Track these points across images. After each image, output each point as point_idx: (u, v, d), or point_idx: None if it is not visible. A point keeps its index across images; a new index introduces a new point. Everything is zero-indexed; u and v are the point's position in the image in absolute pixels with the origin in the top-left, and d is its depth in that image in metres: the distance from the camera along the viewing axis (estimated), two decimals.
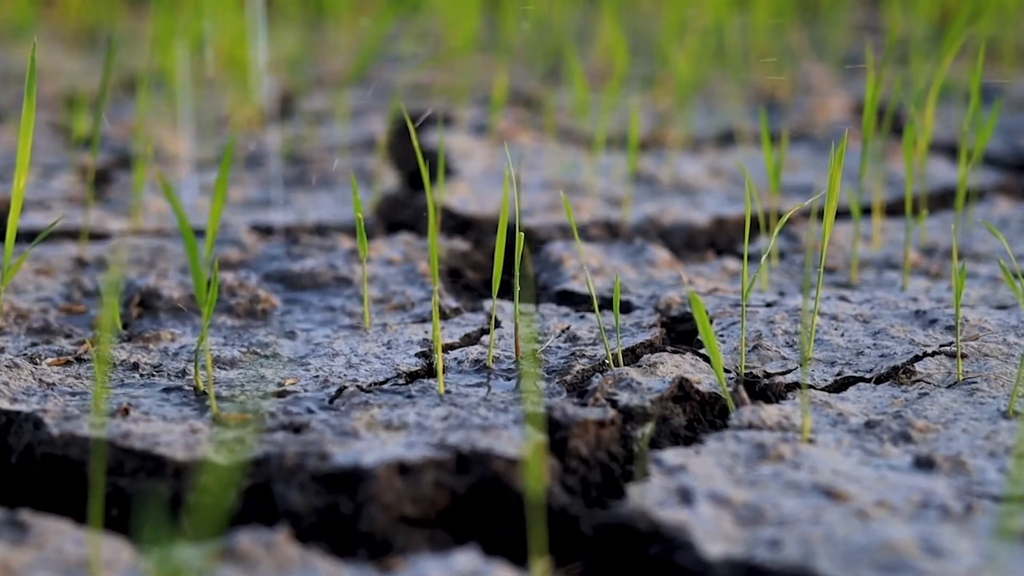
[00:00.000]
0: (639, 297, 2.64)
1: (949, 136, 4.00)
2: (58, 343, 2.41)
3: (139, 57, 5.13)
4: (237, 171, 3.70)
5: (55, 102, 4.58)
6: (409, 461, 1.88)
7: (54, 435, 1.97)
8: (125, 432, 1.98)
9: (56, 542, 1.71)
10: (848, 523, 1.73)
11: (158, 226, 3.16)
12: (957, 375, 2.21)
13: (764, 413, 2.06)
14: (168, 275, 2.75)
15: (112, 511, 1.87)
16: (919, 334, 2.39)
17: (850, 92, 4.75)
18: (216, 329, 2.50)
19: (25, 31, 5.75)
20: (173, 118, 4.19)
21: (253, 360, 2.33)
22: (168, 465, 1.92)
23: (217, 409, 2.09)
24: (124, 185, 3.56)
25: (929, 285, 2.74)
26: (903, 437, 2.00)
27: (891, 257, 2.93)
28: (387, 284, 2.74)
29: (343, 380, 2.23)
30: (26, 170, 2.16)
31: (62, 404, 2.09)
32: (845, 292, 2.66)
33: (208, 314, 2.01)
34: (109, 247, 3.00)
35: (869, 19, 6.46)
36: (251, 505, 1.86)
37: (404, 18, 6.11)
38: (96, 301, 2.65)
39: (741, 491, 1.82)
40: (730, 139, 4.10)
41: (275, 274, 2.79)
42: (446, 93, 4.75)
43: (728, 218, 3.25)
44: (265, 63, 4.10)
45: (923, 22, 5.50)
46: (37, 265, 2.83)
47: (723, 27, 4.85)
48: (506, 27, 5.45)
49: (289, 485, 1.86)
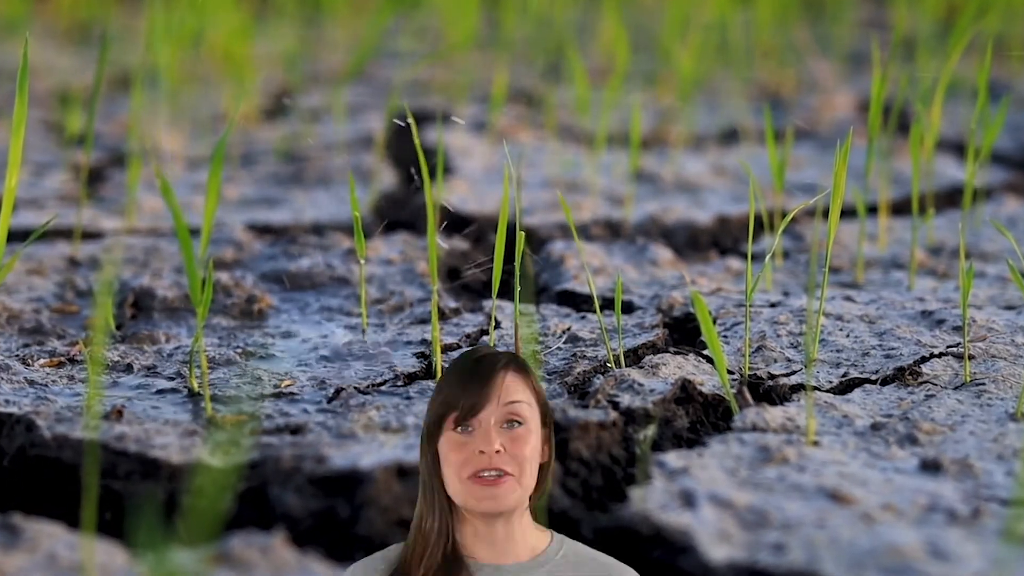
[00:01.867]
0: (641, 297, 2.64)
1: (956, 134, 4.00)
2: (51, 344, 2.41)
3: (133, 53, 5.13)
4: (232, 169, 3.70)
5: (48, 99, 4.58)
6: (408, 464, 1.88)
7: (47, 437, 1.97)
8: (119, 434, 1.98)
9: (49, 546, 1.71)
10: (853, 527, 1.74)
11: (152, 225, 3.16)
12: (964, 376, 2.21)
13: (768, 415, 2.06)
14: (162, 275, 2.75)
15: (106, 514, 1.87)
16: (926, 335, 2.39)
17: (855, 89, 4.75)
18: (211, 330, 2.50)
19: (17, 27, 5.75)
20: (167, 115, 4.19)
21: (249, 361, 2.33)
22: (162, 468, 1.92)
23: (212, 411, 2.09)
24: (118, 183, 3.56)
25: (936, 285, 2.74)
26: (909, 439, 2.00)
27: (897, 256, 2.93)
28: (385, 284, 2.74)
29: (340, 381, 2.23)
30: (18, 168, 2.16)
31: (55, 406, 2.09)
32: (850, 292, 2.66)
33: (203, 315, 2.01)
34: (102, 246, 2.99)
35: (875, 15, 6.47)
36: (247, 508, 1.86)
37: (403, 14, 6.11)
38: (89, 301, 2.65)
39: (745, 494, 1.82)
40: (733, 137, 4.10)
41: (271, 274, 2.79)
42: (445, 90, 4.75)
43: (731, 217, 3.25)
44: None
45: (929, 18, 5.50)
46: (29, 265, 2.83)
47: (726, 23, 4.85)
48: (506, 23, 5.45)
49: (285, 488, 1.86)
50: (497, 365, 1.70)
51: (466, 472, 1.66)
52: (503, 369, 1.70)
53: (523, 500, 1.69)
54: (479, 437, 1.67)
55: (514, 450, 1.67)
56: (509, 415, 1.68)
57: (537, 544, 1.72)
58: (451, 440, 1.68)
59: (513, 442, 1.67)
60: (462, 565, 1.69)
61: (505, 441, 1.67)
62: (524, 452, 1.67)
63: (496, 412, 1.68)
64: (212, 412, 2.09)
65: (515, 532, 1.70)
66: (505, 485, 1.66)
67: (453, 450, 1.67)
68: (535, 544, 1.72)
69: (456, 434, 1.67)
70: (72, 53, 5.53)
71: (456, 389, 1.69)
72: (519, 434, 1.68)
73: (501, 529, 1.69)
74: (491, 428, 1.67)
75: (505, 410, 1.68)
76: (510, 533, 1.70)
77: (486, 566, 1.69)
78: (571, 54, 3.92)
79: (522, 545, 1.71)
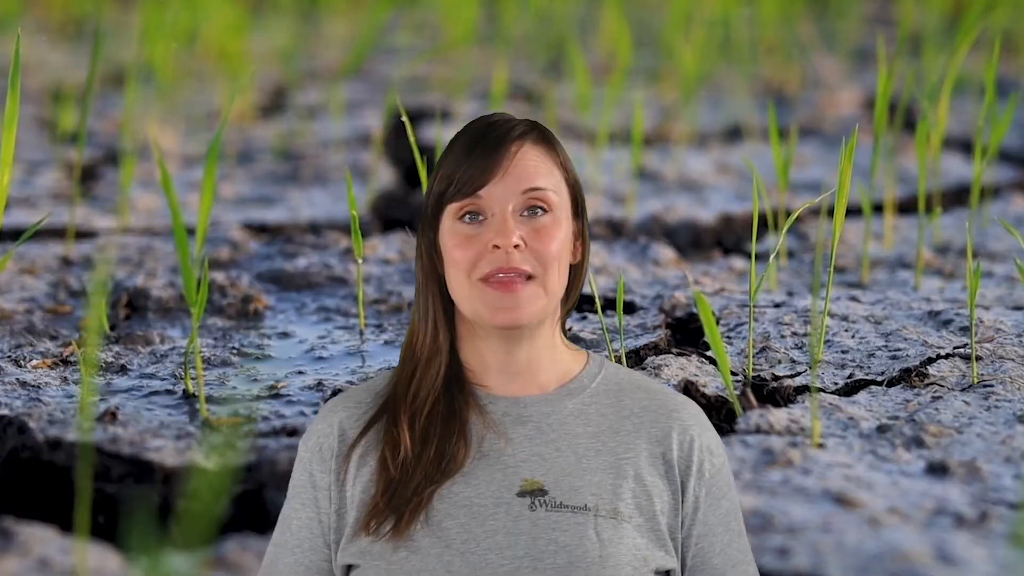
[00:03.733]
0: (643, 297, 2.64)
1: (963, 131, 4.00)
2: (43, 345, 2.41)
3: (126, 49, 5.13)
4: (228, 167, 3.70)
5: (40, 96, 4.58)
6: None
7: (39, 440, 1.97)
8: (112, 437, 1.98)
9: (41, 550, 1.71)
10: (859, 531, 1.73)
11: (147, 224, 3.16)
12: (972, 378, 2.21)
13: (772, 417, 2.06)
14: (157, 275, 2.75)
15: (99, 518, 1.87)
16: (932, 335, 2.39)
17: (861, 85, 4.75)
18: (206, 330, 2.50)
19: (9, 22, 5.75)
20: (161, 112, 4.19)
21: (244, 362, 2.33)
22: (157, 471, 1.92)
23: (207, 413, 2.09)
24: (111, 182, 3.56)
25: (943, 285, 2.74)
26: (916, 442, 2.00)
27: (903, 256, 2.93)
28: (383, 284, 2.74)
29: (338, 383, 2.23)
30: (10, 166, 2.16)
31: (48, 408, 2.09)
32: (856, 292, 2.66)
33: (198, 315, 2.01)
34: (96, 246, 3.00)
35: (880, 10, 6.47)
36: (242, 512, 1.86)
37: (401, 8, 6.11)
38: (83, 301, 2.65)
39: (749, 497, 1.82)
40: (737, 134, 4.10)
41: (267, 274, 2.79)
42: (444, 86, 4.76)
43: (735, 216, 3.25)
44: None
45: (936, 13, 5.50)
46: (22, 264, 2.83)
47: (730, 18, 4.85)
48: (506, 18, 5.45)
49: (281, 491, 1.86)
50: (511, 132, 1.39)
51: (477, 274, 1.36)
52: (520, 138, 1.38)
53: (549, 311, 1.38)
54: (492, 227, 1.36)
55: (537, 245, 1.36)
56: (531, 200, 1.37)
57: (570, 370, 1.42)
58: (456, 232, 1.37)
59: (536, 235, 1.37)
60: (468, 395, 1.38)
61: (526, 233, 1.37)
62: (550, 248, 1.37)
63: (514, 195, 1.37)
64: (207, 414, 2.09)
65: (542, 355, 1.40)
66: (526, 290, 1.35)
67: (459, 245, 1.36)
68: (567, 370, 1.41)
69: (463, 224, 1.37)
70: (65, 49, 5.53)
71: (459, 159, 1.38)
72: (544, 224, 1.37)
73: (524, 352, 1.38)
74: (508, 216, 1.36)
75: (526, 195, 1.37)
76: (535, 356, 1.39)
77: (501, 398, 1.39)
78: (572, 50, 3.92)
79: (549, 371, 1.40)
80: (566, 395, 1.40)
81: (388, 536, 1.35)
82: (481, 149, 1.37)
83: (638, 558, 1.36)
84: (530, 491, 1.36)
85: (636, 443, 1.39)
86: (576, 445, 1.38)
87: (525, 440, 1.38)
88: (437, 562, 1.34)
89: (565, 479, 1.36)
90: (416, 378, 1.38)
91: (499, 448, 1.37)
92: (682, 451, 1.40)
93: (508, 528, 1.35)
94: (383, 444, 1.37)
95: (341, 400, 1.43)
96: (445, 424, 1.37)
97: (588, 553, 1.34)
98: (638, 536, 1.36)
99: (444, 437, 1.36)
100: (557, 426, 1.38)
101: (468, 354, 1.39)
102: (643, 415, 1.40)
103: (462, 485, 1.36)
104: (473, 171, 1.36)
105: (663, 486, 1.39)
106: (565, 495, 1.35)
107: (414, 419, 1.37)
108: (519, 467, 1.37)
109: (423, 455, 1.36)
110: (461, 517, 1.35)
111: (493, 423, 1.38)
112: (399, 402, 1.38)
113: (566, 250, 1.39)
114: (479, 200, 1.37)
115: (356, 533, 1.38)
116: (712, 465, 1.42)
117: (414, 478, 1.35)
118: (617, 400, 1.41)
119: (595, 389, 1.41)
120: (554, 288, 1.37)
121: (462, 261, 1.36)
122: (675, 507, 1.39)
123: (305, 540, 1.42)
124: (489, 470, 1.37)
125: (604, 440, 1.38)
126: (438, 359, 1.38)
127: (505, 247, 1.34)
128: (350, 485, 1.39)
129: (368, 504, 1.37)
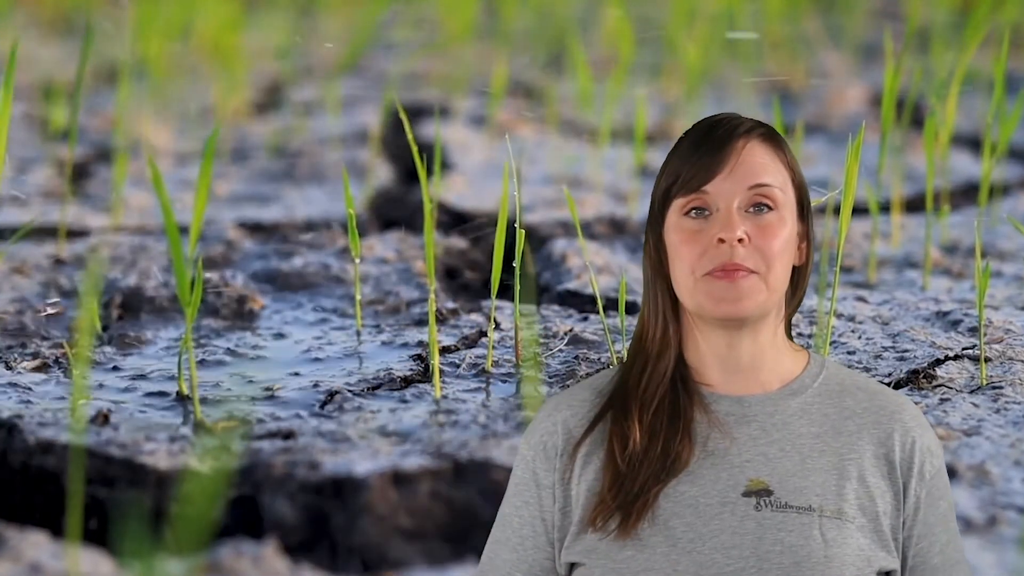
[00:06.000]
0: None
1: (972, 128, 4.00)
2: (34, 346, 2.41)
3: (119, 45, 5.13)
4: (222, 164, 3.70)
5: (31, 92, 4.58)
6: (404, 470, 1.88)
7: (30, 443, 1.97)
8: (105, 439, 1.98)
9: (33, 555, 1.71)
10: None
11: (139, 223, 3.17)
12: (980, 379, 2.21)
13: None
14: (150, 274, 2.75)
15: (91, 522, 1.87)
16: (940, 336, 2.40)
17: (868, 82, 4.75)
18: (201, 331, 2.50)
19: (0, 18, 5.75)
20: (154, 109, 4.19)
21: (239, 363, 2.34)
22: (150, 474, 1.92)
23: (201, 415, 2.09)
24: (103, 180, 3.56)
25: (951, 285, 2.74)
26: None
27: (911, 255, 2.93)
28: (381, 284, 2.74)
29: (334, 384, 2.23)
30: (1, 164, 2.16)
31: (39, 410, 2.09)
32: (863, 292, 2.66)
33: (192, 315, 2.01)
34: (88, 245, 3.00)
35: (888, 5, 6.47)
36: (237, 516, 1.86)
37: (399, 3, 6.12)
38: (75, 301, 2.65)
39: None
40: None
41: (263, 273, 2.79)
42: (443, 83, 4.76)
43: None
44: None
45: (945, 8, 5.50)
46: (12, 264, 2.83)
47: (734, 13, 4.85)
48: (506, 13, 5.45)
49: (277, 495, 1.86)
50: (738, 129, 1.44)
51: (701, 270, 1.40)
52: (746, 134, 1.44)
53: (770, 307, 1.42)
54: (717, 222, 1.41)
55: (761, 241, 1.40)
56: (756, 197, 1.41)
57: (791, 369, 1.46)
58: (682, 227, 1.42)
59: (761, 231, 1.41)
60: (692, 394, 1.43)
61: (751, 229, 1.41)
62: (773, 246, 1.40)
63: (739, 191, 1.41)
64: (201, 416, 2.09)
65: (765, 353, 1.44)
66: (748, 281, 1.39)
67: (685, 240, 1.41)
68: (789, 369, 1.46)
69: (688, 219, 1.42)
70: (56, 45, 5.53)
71: (686, 155, 1.43)
72: (769, 222, 1.41)
73: (747, 348, 1.43)
74: (733, 211, 1.40)
75: (752, 192, 1.41)
76: (758, 353, 1.44)
77: (724, 397, 1.43)
78: (573, 45, 3.92)
79: (771, 370, 1.45)
80: (789, 395, 1.44)
81: (615, 534, 1.39)
82: (708, 145, 1.42)
83: (862, 559, 1.40)
84: (756, 491, 1.40)
85: (859, 444, 1.43)
86: (800, 445, 1.42)
87: (749, 440, 1.42)
88: (664, 561, 1.39)
89: (790, 479, 1.41)
90: (646, 373, 1.43)
91: (724, 448, 1.41)
92: (904, 452, 1.44)
93: (734, 528, 1.39)
94: (610, 439, 1.42)
95: (564, 398, 1.47)
96: (671, 422, 1.41)
97: (813, 553, 1.38)
98: (861, 537, 1.41)
99: (670, 435, 1.41)
100: (781, 426, 1.43)
101: (690, 352, 1.44)
102: (865, 416, 1.45)
103: (687, 484, 1.41)
104: (699, 167, 1.41)
105: (885, 487, 1.43)
106: (790, 495, 1.40)
107: (642, 414, 1.41)
108: (744, 467, 1.41)
109: (649, 451, 1.40)
110: (687, 516, 1.40)
111: (718, 422, 1.42)
112: (629, 396, 1.43)
113: (790, 249, 1.43)
114: (705, 195, 1.41)
115: (582, 530, 1.42)
116: (932, 466, 1.45)
117: (640, 474, 1.40)
118: (839, 400, 1.45)
119: (817, 389, 1.45)
120: (776, 285, 1.42)
121: (687, 256, 1.41)
122: (897, 508, 1.43)
123: (527, 538, 1.45)
124: (714, 469, 1.41)
125: (827, 440, 1.43)
126: (668, 353, 1.43)
127: (729, 240, 1.39)
128: (575, 483, 1.43)
129: (594, 500, 1.41)
